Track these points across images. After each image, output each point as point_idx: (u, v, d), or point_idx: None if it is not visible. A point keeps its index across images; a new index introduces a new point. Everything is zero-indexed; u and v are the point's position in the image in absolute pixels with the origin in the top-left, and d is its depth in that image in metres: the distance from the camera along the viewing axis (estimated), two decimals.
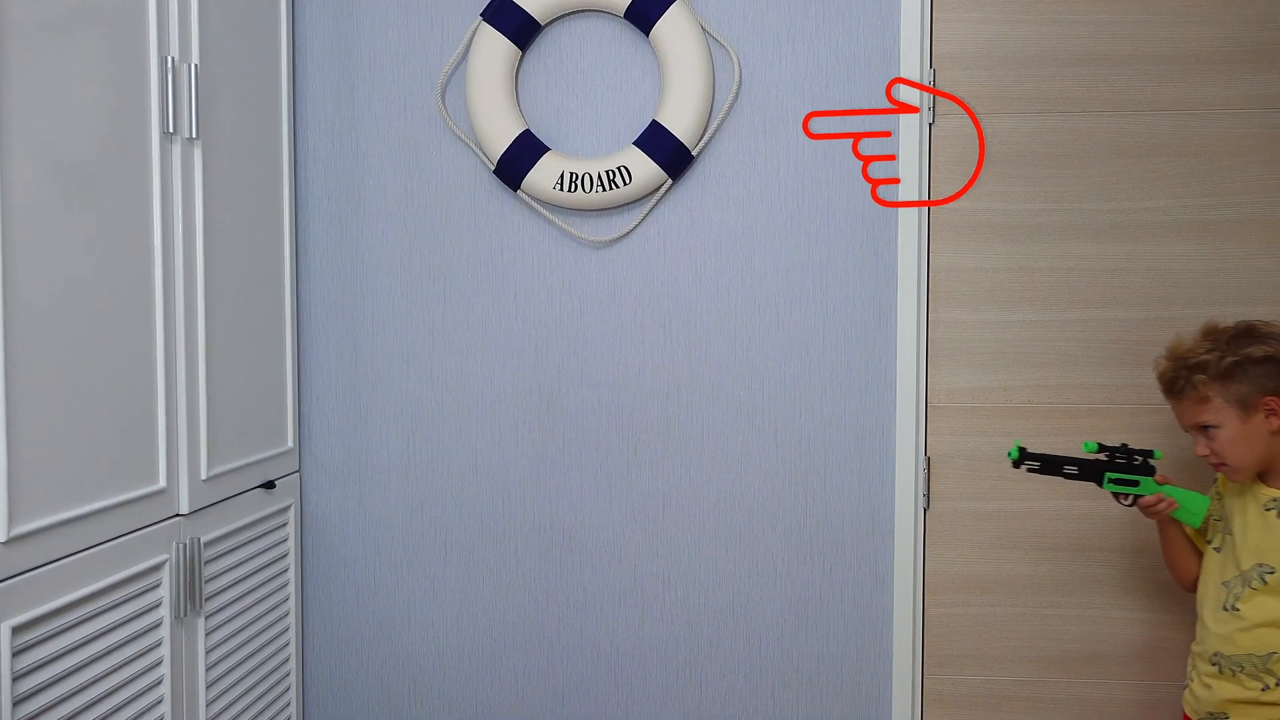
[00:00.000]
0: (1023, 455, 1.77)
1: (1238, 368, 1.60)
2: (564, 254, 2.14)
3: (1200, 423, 1.65)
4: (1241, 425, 1.61)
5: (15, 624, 1.32)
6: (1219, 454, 1.64)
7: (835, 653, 2.14)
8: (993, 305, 2.10)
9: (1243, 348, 1.60)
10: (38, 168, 1.37)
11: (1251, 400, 1.60)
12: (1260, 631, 1.63)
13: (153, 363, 1.63)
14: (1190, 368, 1.63)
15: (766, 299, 2.12)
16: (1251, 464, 1.64)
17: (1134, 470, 1.76)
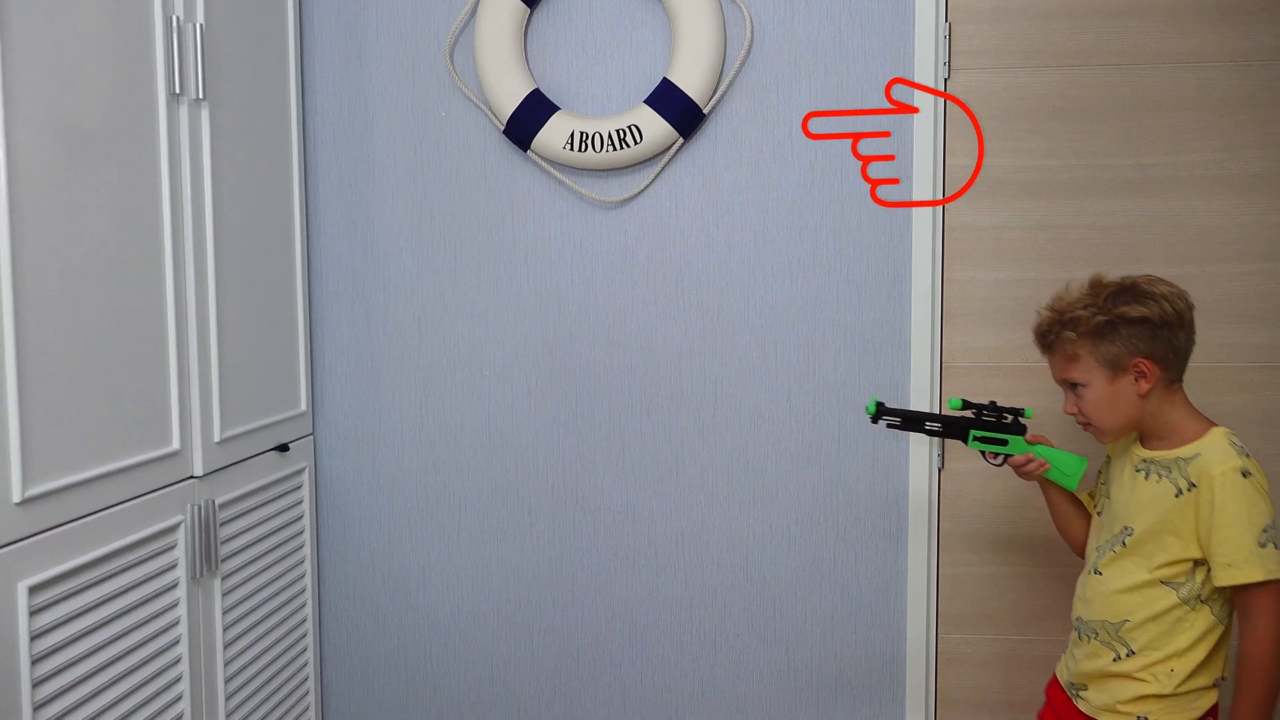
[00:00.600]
0: (880, 410, 1.69)
1: (1110, 327, 1.50)
2: (575, 215, 2.12)
3: (1069, 379, 1.57)
4: (1109, 386, 1.53)
5: (31, 584, 1.33)
6: (1085, 413, 1.57)
7: (848, 612, 2.14)
8: (1008, 263, 2.07)
9: (1118, 306, 1.50)
10: (44, 132, 1.36)
11: (1121, 361, 1.51)
12: (1115, 597, 1.55)
13: (164, 324, 1.63)
14: (1063, 322, 1.54)
15: (780, 259, 2.10)
16: (1117, 426, 1.56)
17: (1002, 429, 1.69)
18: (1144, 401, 1.53)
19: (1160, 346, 1.50)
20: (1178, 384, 1.55)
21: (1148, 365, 1.51)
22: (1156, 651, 1.52)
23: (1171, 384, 1.54)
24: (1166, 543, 1.51)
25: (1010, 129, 2.05)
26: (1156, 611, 1.52)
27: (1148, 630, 1.53)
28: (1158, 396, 1.53)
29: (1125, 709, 1.54)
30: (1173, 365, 1.52)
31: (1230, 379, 2.04)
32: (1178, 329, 1.51)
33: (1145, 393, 1.52)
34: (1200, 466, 1.48)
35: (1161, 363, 1.51)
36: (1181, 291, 1.53)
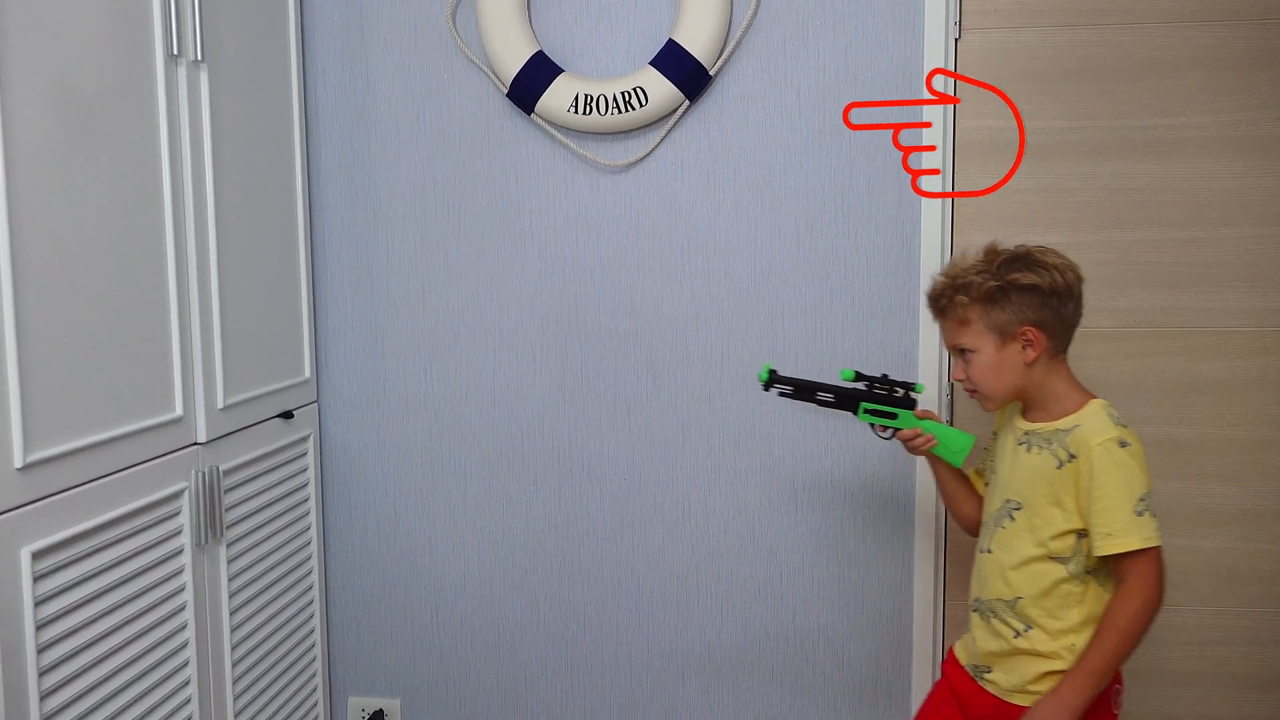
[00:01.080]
0: (773, 378, 1.68)
1: (1000, 293, 1.50)
2: (580, 179, 2.10)
3: (959, 345, 1.57)
4: (997, 353, 1.53)
5: (34, 549, 1.33)
6: (972, 380, 1.57)
7: (856, 578, 2.13)
8: (1020, 228, 2.04)
9: (1010, 273, 1.50)
10: (40, 96, 1.34)
11: (1010, 329, 1.51)
12: (1007, 574, 1.55)
13: (165, 289, 1.61)
14: (956, 287, 1.54)
15: (787, 223, 2.07)
16: (1003, 393, 1.56)
17: (893, 402, 1.69)
18: (1029, 370, 1.53)
19: (1049, 315, 1.51)
20: (1062, 355, 1.56)
21: (1035, 333, 1.51)
22: (1055, 624, 1.51)
23: (1056, 354, 1.55)
24: (1051, 515, 1.51)
25: (1021, 90, 2.01)
26: (1047, 586, 1.51)
27: (1041, 606, 1.52)
28: (1043, 366, 1.54)
29: (1035, 688, 1.52)
30: (1059, 335, 1.53)
31: (1246, 344, 2.01)
32: (1066, 299, 1.52)
33: (1031, 361, 1.52)
34: (1079, 438, 1.49)
35: (1049, 332, 1.52)
36: (1072, 264, 1.54)
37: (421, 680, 2.26)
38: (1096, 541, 1.46)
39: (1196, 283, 2.01)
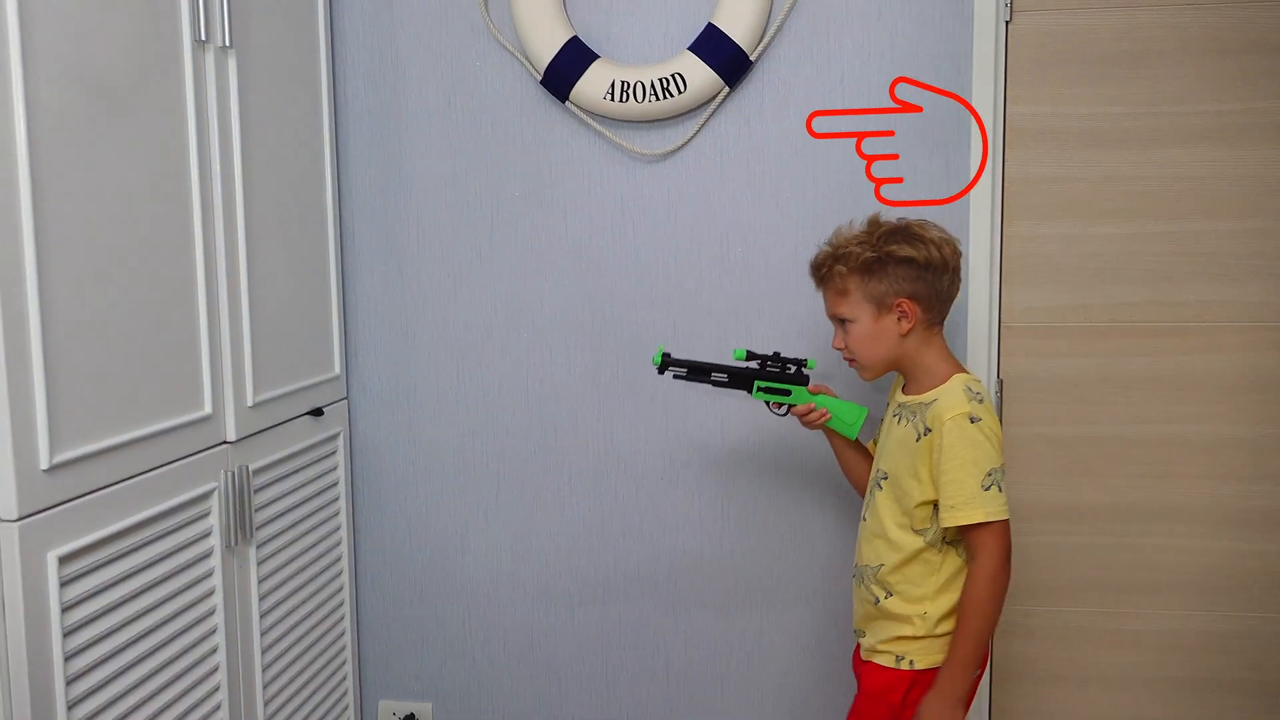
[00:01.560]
0: (666, 362, 1.72)
1: (878, 264, 1.55)
2: (615, 168, 2.03)
3: (838, 314, 1.62)
4: (873, 323, 1.58)
5: (61, 553, 1.28)
6: (850, 349, 1.62)
7: None
8: (1072, 218, 1.97)
9: (888, 245, 1.55)
10: (65, 84, 1.28)
11: (887, 300, 1.56)
12: (875, 541, 1.63)
13: (193, 283, 1.56)
14: (836, 257, 1.59)
15: (829, 213, 2.00)
16: (878, 363, 1.61)
17: (785, 379, 1.72)
18: (904, 341, 1.58)
19: (923, 288, 1.55)
20: (937, 328, 1.61)
21: (910, 305, 1.56)
22: (912, 590, 1.58)
23: (931, 326, 1.59)
24: (910, 486, 1.57)
25: (1075, 74, 1.93)
26: (908, 555, 1.58)
27: (901, 573, 1.59)
28: (917, 338, 1.59)
29: (885, 648, 1.61)
30: (934, 308, 1.58)
31: None
32: (942, 273, 1.56)
33: (906, 332, 1.57)
34: (935, 411, 1.54)
35: (923, 304, 1.56)
36: (951, 239, 1.59)
37: (454, 684, 2.21)
38: (943, 513, 1.52)
39: (1260, 275, 1.93)
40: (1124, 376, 1.99)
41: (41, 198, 1.24)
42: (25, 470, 1.23)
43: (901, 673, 1.59)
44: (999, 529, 1.50)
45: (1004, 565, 1.51)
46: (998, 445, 1.52)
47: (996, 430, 1.53)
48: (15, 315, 1.21)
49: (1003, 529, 1.50)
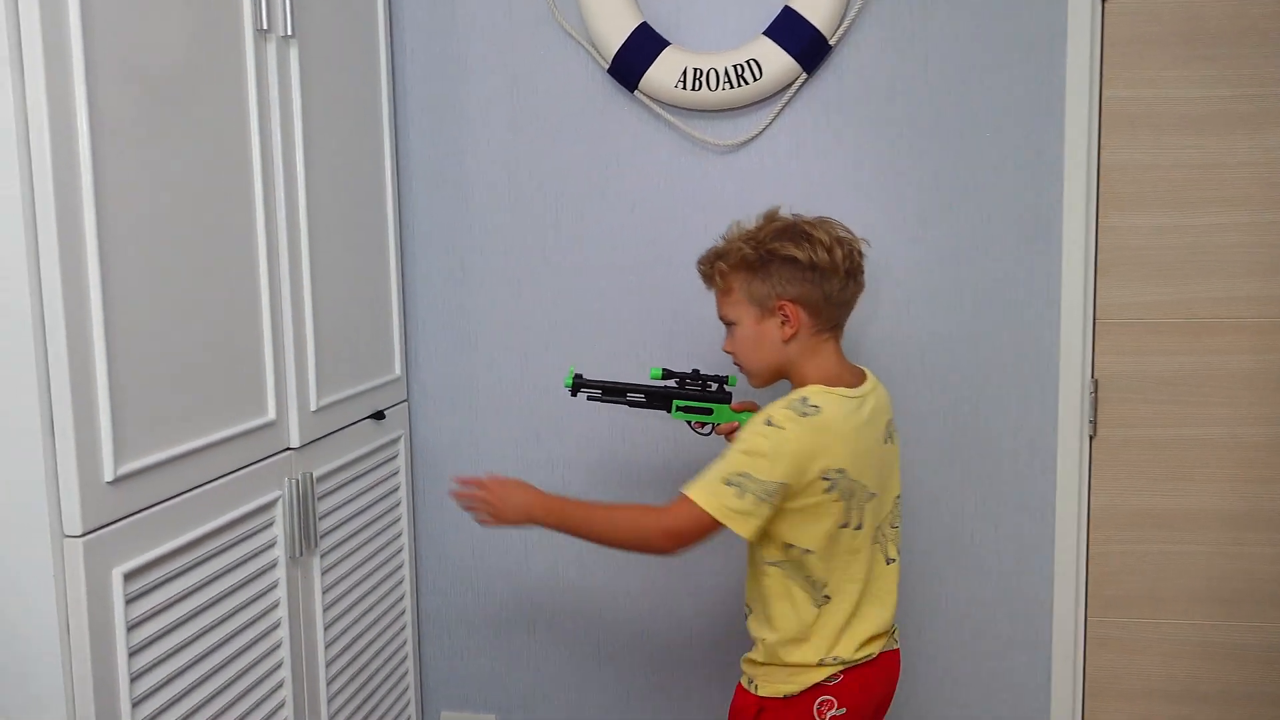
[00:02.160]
0: (578, 383, 1.63)
1: (761, 263, 1.41)
2: (686, 160, 1.94)
3: (722, 315, 1.49)
4: (755, 326, 1.44)
5: (126, 570, 1.22)
6: (735, 352, 1.49)
7: (988, 592, 1.96)
8: (1173, 208, 1.85)
9: (773, 243, 1.41)
10: (126, 79, 1.22)
11: (768, 302, 1.42)
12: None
13: (256, 284, 1.50)
14: (719, 254, 1.46)
15: (912, 205, 1.90)
16: (763, 370, 1.47)
17: (706, 397, 1.62)
18: (787, 347, 1.44)
19: (810, 291, 1.41)
20: (828, 335, 1.46)
21: (793, 309, 1.41)
22: (759, 611, 1.48)
23: (819, 333, 1.44)
24: None
25: (1176, 54, 1.82)
26: (754, 573, 1.48)
27: (751, 592, 1.50)
28: (802, 344, 1.44)
29: (744, 668, 1.51)
30: (822, 313, 1.43)
31: None
32: (831, 276, 1.41)
33: (788, 338, 1.43)
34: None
35: (809, 308, 1.42)
36: (846, 239, 1.44)
37: (516, 696, 2.14)
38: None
39: None
40: (1227, 375, 1.87)
41: (104, 198, 1.18)
42: (90, 482, 1.16)
43: (750, 696, 1.47)
44: (696, 512, 1.34)
45: (667, 535, 1.37)
46: (777, 459, 1.34)
47: (793, 448, 1.34)
48: (78, 321, 1.15)
49: (697, 515, 1.34)
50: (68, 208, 1.13)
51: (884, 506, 1.47)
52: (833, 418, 1.38)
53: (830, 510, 1.38)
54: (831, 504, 1.38)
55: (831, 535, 1.40)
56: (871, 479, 1.42)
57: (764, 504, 1.35)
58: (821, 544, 1.40)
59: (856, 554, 1.43)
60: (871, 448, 1.43)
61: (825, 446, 1.36)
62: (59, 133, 1.11)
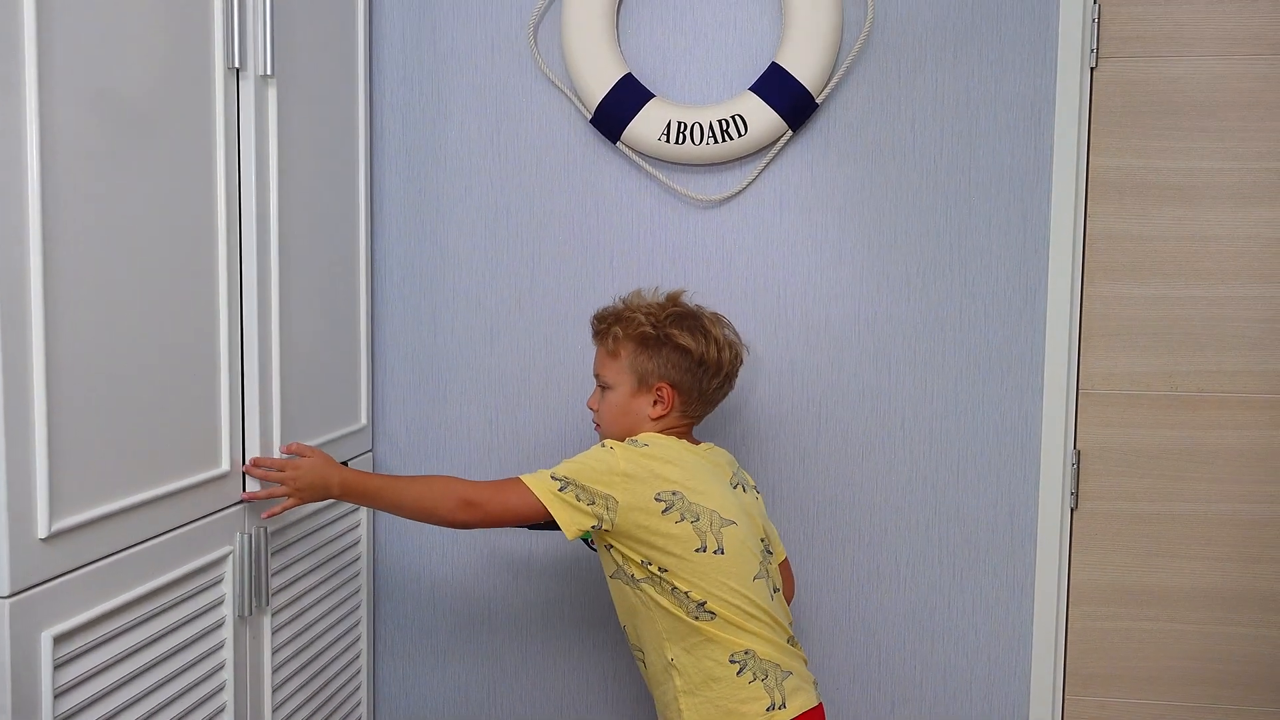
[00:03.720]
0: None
1: (655, 342, 1.51)
2: (667, 214, 1.91)
3: (601, 376, 1.57)
4: (629, 397, 1.53)
5: (56, 632, 1.14)
6: (600, 413, 1.57)
7: (964, 667, 1.90)
8: (1159, 278, 1.83)
9: (672, 327, 1.51)
10: (84, 107, 1.16)
11: (650, 380, 1.51)
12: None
13: (216, 329, 1.43)
14: (619, 318, 1.54)
15: (896, 268, 1.87)
16: (616, 436, 1.53)
17: None
18: (649, 424, 1.53)
19: (689, 381, 1.52)
20: (688, 424, 1.56)
21: (670, 392, 1.51)
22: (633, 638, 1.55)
23: (682, 419, 1.55)
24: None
25: (1165, 126, 1.80)
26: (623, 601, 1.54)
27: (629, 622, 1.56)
28: (662, 425, 1.53)
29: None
30: (693, 404, 1.54)
31: None
32: (714, 374, 1.53)
33: (657, 416, 1.53)
34: None
35: (684, 396, 1.52)
36: (735, 344, 1.57)
37: None
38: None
39: None
40: (1212, 450, 1.84)
41: (52, 233, 1.12)
42: (21, 540, 1.09)
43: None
44: (520, 490, 1.43)
45: (464, 504, 1.44)
46: (606, 474, 1.43)
47: (622, 468, 1.43)
48: (17, 359, 1.08)
49: (519, 494, 1.43)
50: (11, 232, 1.07)
51: (752, 540, 1.50)
52: (660, 449, 1.47)
53: (678, 533, 1.43)
54: (675, 525, 1.43)
55: (690, 559, 1.43)
56: (725, 507, 1.47)
57: (585, 508, 1.42)
58: (677, 565, 1.44)
59: (721, 574, 1.45)
60: (716, 485, 1.49)
61: (653, 471, 1.44)
62: (4, 163, 1.05)
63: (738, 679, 1.45)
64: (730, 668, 1.45)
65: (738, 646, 1.45)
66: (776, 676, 1.46)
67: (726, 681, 1.45)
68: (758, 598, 1.47)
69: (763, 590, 1.49)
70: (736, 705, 1.45)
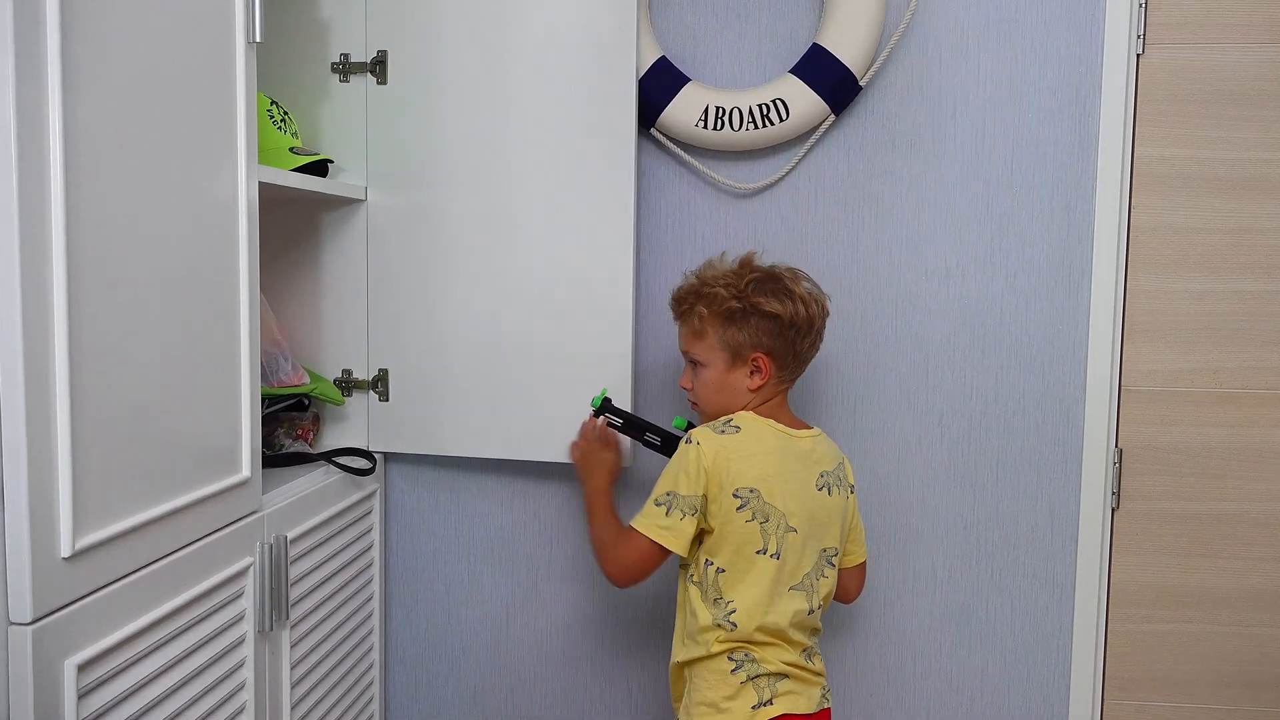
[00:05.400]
0: (605, 406, 1.61)
1: (741, 314, 1.45)
2: (700, 203, 1.82)
3: (691, 354, 1.52)
4: (725, 373, 1.48)
5: (81, 660, 1.03)
6: (696, 391, 1.53)
7: (1001, 670, 1.85)
8: (1205, 272, 1.78)
9: (755, 296, 1.45)
10: (112, 96, 1.05)
11: (743, 352, 1.46)
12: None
13: (237, 319, 1.32)
14: (700, 295, 1.49)
15: (935, 259, 1.80)
16: (718, 412, 1.51)
17: None
18: (750, 395, 1.49)
19: (783, 346, 1.47)
20: (785, 389, 1.52)
21: (766, 361, 1.47)
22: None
23: (780, 384, 1.50)
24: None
25: (1213, 115, 1.75)
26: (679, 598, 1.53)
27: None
28: (763, 396, 1.49)
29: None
30: (789, 367, 1.49)
31: None
32: (805, 334, 1.48)
33: (756, 388, 1.48)
34: None
35: (779, 362, 1.47)
36: (822, 297, 1.50)
37: None
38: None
39: None
40: (1257, 449, 1.80)
41: (75, 233, 1.00)
42: (43, 560, 0.98)
43: None
44: (636, 539, 1.44)
45: (610, 563, 1.48)
46: (698, 474, 1.41)
47: (707, 463, 1.41)
48: (40, 364, 0.97)
49: (637, 543, 1.44)
50: (36, 215, 0.96)
51: (809, 551, 1.45)
52: (750, 438, 1.43)
53: (744, 531, 1.40)
54: (744, 524, 1.40)
55: (747, 558, 1.41)
56: (794, 512, 1.43)
57: (690, 518, 1.41)
58: (734, 563, 1.42)
59: (761, 584, 1.42)
60: (796, 485, 1.44)
61: (736, 463, 1.40)
62: (28, 172, 0.94)
63: (731, 676, 1.43)
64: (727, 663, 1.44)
65: (737, 649, 1.43)
66: (770, 679, 1.43)
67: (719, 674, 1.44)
68: (780, 614, 1.43)
69: (795, 602, 1.45)
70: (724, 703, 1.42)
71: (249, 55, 1.31)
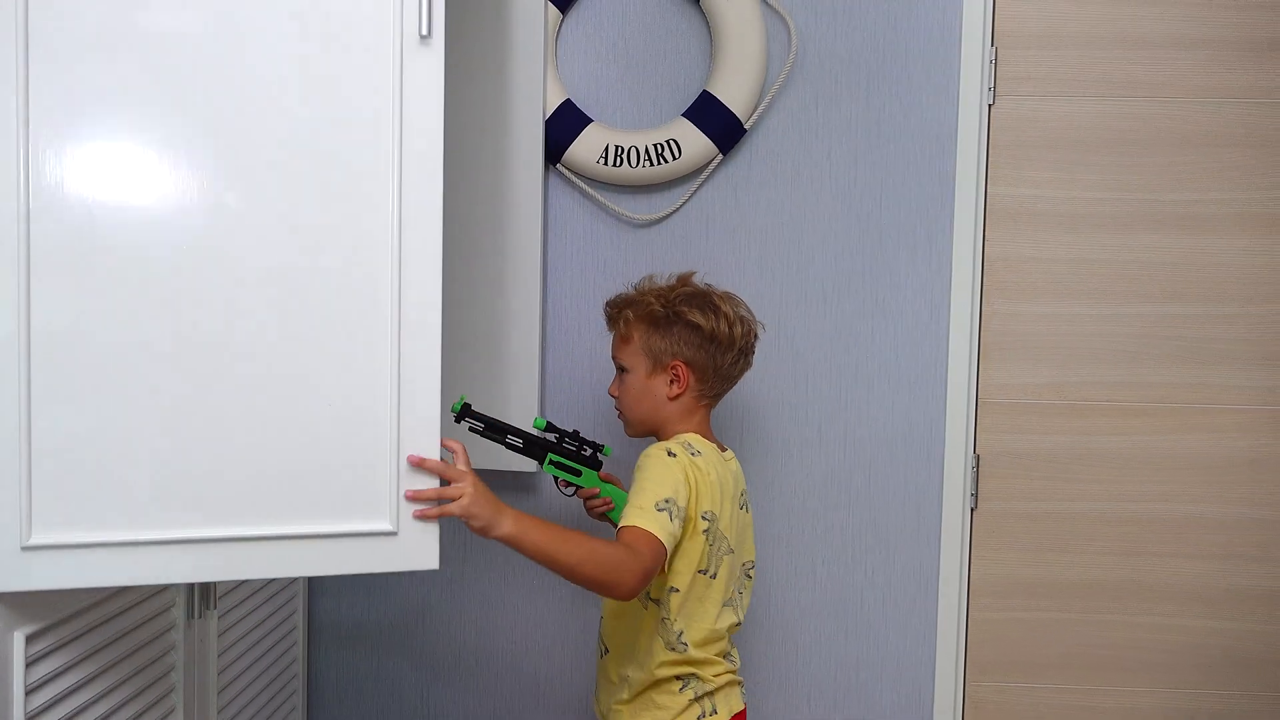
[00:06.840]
0: (465, 412, 1.59)
1: (665, 321, 1.51)
2: (601, 234, 2.00)
3: (617, 359, 1.58)
4: (645, 379, 1.53)
5: (30, 632, 1.17)
6: (620, 399, 1.58)
7: (876, 658, 2.04)
8: (1049, 297, 2.01)
9: (682, 305, 1.52)
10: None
11: (663, 358, 1.52)
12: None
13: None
14: (629, 302, 1.56)
15: (813, 285, 2.00)
16: (639, 421, 1.57)
17: (579, 459, 1.67)
18: (668, 405, 1.53)
19: (703, 358, 1.52)
20: (706, 404, 1.57)
21: (684, 370, 1.51)
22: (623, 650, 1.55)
23: (700, 399, 1.55)
24: None
25: (1055, 159, 1.99)
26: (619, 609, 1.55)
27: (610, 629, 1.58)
28: (682, 406, 1.54)
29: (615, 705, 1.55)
30: (708, 381, 1.54)
31: (1270, 422, 1.99)
32: (726, 350, 1.52)
33: (674, 396, 1.53)
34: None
35: (698, 374, 1.52)
36: (747, 319, 1.57)
37: None
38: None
39: (1227, 359, 1.99)
40: (1098, 454, 2.02)
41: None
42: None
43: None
44: (648, 538, 1.37)
45: (636, 574, 1.34)
46: (686, 483, 1.43)
47: (692, 481, 1.44)
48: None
49: (651, 541, 1.36)
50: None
51: (736, 566, 1.55)
52: (707, 462, 1.49)
53: (699, 552, 1.46)
54: (703, 545, 1.46)
55: (699, 580, 1.48)
56: (731, 534, 1.51)
57: (679, 529, 1.42)
58: (689, 585, 1.47)
59: (704, 603, 1.49)
60: (730, 506, 1.51)
61: (703, 486, 1.46)
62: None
63: (679, 695, 1.49)
64: (675, 684, 1.50)
65: (686, 671, 1.49)
66: (710, 697, 1.51)
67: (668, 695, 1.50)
68: (720, 631, 1.51)
69: (730, 618, 1.53)
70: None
71: None
